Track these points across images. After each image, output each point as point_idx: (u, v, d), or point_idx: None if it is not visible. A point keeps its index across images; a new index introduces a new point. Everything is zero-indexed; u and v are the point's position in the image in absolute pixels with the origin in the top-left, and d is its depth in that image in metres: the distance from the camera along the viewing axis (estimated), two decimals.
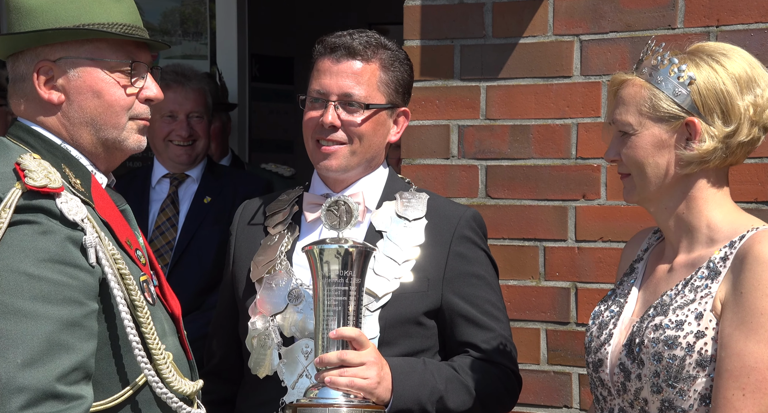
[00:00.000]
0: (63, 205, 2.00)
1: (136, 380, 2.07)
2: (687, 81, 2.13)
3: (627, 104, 2.18)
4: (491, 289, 2.51)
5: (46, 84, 2.12)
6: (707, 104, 2.12)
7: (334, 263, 2.25)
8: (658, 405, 2.10)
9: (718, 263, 2.11)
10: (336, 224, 2.32)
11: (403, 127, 2.58)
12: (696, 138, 2.13)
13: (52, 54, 2.11)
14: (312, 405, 2.22)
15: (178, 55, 5.59)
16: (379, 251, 2.43)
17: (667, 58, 2.15)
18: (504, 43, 3.23)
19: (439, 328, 2.49)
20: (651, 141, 2.15)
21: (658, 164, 2.15)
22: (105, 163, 2.19)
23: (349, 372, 2.25)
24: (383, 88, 2.50)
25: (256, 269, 2.50)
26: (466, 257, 2.49)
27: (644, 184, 2.18)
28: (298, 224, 2.55)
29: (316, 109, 2.51)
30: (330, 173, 2.50)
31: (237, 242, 2.61)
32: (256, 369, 2.45)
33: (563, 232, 3.17)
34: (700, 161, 2.14)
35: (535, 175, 3.20)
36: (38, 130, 2.13)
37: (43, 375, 1.90)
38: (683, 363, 2.07)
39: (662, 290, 2.17)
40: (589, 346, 2.24)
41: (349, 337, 2.26)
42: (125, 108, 2.14)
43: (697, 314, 2.08)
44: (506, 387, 2.49)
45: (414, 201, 2.53)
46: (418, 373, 2.36)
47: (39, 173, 2.01)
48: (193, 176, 4.00)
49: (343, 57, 2.48)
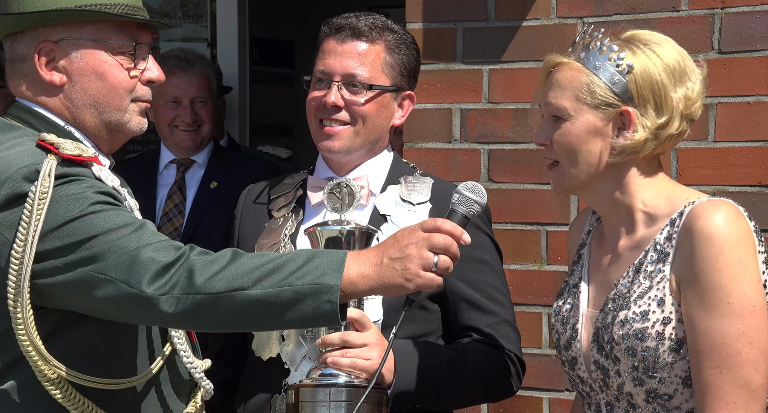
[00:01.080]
0: (100, 172, 2.03)
1: (157, 358, 2.09)
2: (625, 69, 2.11)
3: (563, 88, 2.14)
4: (495, 274, 2.51)
5: (47, 65, 2.11)
6: (642, 94, 2.11)
7: (337, 245, 2.25)
8: (643, 396, 2.09)
9: (664, 243, 2.10)
10: (338, 207, 2.32)
11: (408, 111, 2.56)
12: (630, 128, 2.11)
13: (54, 35, 2.10)
14: (314, 386, 2.22)
15: (178, 37, 5.57)
16: (383, 235, 2.42)
17: (606, 45, 2.12)
18: (507, 26, 3.21)
19: (443, 312, 2.49)
20: (585, 128, 2.13)
21: (591, 152, 2.13)
22: (108, 145, 2.19)
23: (351, 352, 2.25)
24: (388, 71, 2.49)
25: (260, 252, 2.49)
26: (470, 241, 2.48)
27: (575, 172, 2.15)
28: (302, 208, 2.54)
29: (319, 89, 2.50)
30: (332, 154, 2.50)
31: (241, 226, 2.61)
32: (259, 351, 2.46)
33: (565, 216, 3.16)
34: (631, 151, 2.12)
35: (537, 159, 3.19)
36: (40, 111, 2.13)
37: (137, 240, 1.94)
38: (657, 352, 2.06)
39: (612, 278, 2.17)
40: (559, 344, 2.24)
41: (352, 318, 2.26)
42: (128, 90, 2.14)
43: (658, 300, 2.08)
44: (509, 371, 2.49)
45: (418, 185, 2.52)
46: (420, 356, 2.36)
47: (70, 144, 2.02)
48: (200, 161, 4.00)
49: (348, 38, 2.47)
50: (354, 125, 2.47)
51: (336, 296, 1.89)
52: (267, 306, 1.90)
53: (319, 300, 1.89)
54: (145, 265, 1.90)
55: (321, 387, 2.21)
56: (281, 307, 1.90)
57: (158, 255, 1.91)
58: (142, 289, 1.89)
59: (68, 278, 1.94)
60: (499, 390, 2.50)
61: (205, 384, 2.16)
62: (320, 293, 1.89)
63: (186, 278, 1.89)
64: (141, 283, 1.89)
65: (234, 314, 1.90)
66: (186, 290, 1.89)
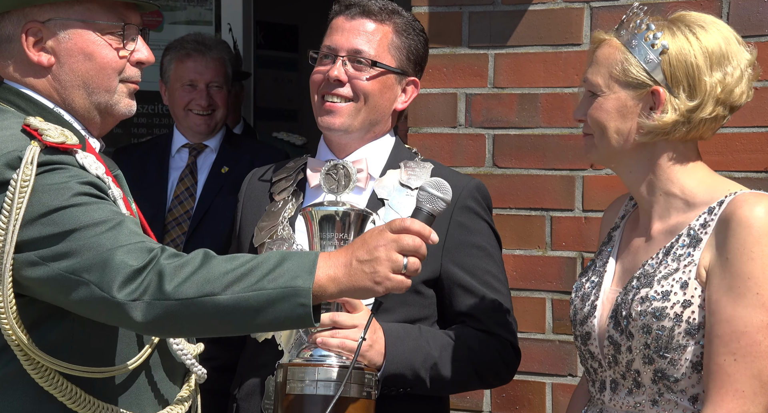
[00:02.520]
0: (84, 160, 2.00)
1: (148, 344, 2.07)
2: (660, 49, 2.10)
3: (599, 65, 2.15)
4: (492, 260, 2.50)
5: (35, 46, 2.07)
6: (675, 75, 2.09)
7: (331, 226, 2.25)
8: (650, 375, 2.10)
9: (698, 230, 2.09)
10: (334, 188, 2.32)
11: (411, 97, 2.55)
12: (659, 108, 2.10)
13: (41, 15, 2.06)
14: (303, 365, 2.22)
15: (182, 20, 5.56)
16: (379, 219, 2.42)
17: (645, 23, 2.12)
18: (513, 10, 3.20)
19: (438, 298, 2.48)
20: (615, 105, 2.13)
21: (620, 129, 2.13)
22: (97, 128, 2.16)
23: (341, 333, 2.25)
24: (394, 52, 2.49)
25: (259, 234, 2.50)
26: (467, 227, 2.47)
27: (604, 146, 2.16)
28: (303, 191, 2.54)
29: (324, 64, 2.49)
30: (332, 131, 2.48)
31: (243, 209, 2.61)
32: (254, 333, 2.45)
33: (570, 202, 3.15)
34: (659, 132, 2.11)
35: (542, 144, 3.18)
36: (28, 93, 2.09)
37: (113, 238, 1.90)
38: (672, 333, 2.06)
39: (641, 259, 2.16)
40: (575, 319, 2.24)
41: (342, 299, 2.26)
42: (117, 70, 2.11)
43: (682, 283, 2.07)
44: (503, 358, 2.47)
45: (418, 171, 2.51)
46: (412, 339, 2.36)
47: (54, 131, 1.99)
48: (212, 146, 4.02)
49: (357, 15, 2.47)
50: (356, 102, 2.46)
51: (309, 299, 1.86)
52: (239, 311, 1.87)
53: (291, 304, 1.87)
54: (117, 269, 1.87)
55: (309, 366, 2.21)
56: (253, 311, 1.87)
57: (130, 259, 1.88)
58: (113, 294, 1.86)
59: (44, 276, 1.91)
60: (492, 377, 2.49)
61: (196, 369, 2.14)
62: (293, 296, 1.87)
63: (156, 283, 1.86)
64: (112, 288, 1.87)
65: (206, 320, 1.88)
66: (156, 296, 1.86)
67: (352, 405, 2.20)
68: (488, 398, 3.25)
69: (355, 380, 2.19)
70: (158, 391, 2.10)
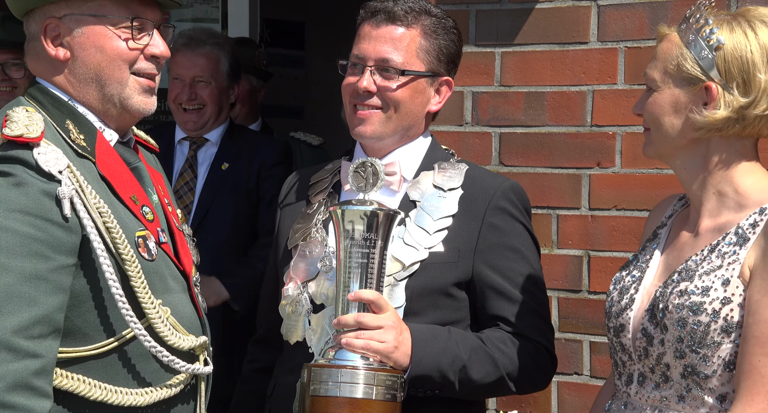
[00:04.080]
0: (40, 156, 2.01)
1: (123, 332, 2.08)
2: (714, 45, 2.09)
3: (657, 60, 2.16)
4: (527, 262, 2.45)
5: (54, 42, 2.15)
6: (730, 71, 2.09)
7: (358, 225, 2.23)
8: (680, 370, 2.09)
9: (747, 229, 2.09)
10: (362, 186, 2.30)
11: (445, 97, 2.52)
12: (711, 105, 2.10)
13: (58, 11, 2.15)
14: (327, 366, 2.21)
15: (189, 18, 5.56)
16: (410, 221, 2.40)
17: (703, 18, 2.11)
18: (520, 8, 3.19)
19: (471, 301, 2.44)
20: (669, 100, 2.14)
21: (673, 124, 2.14)
22: (114, 122, 2.20)
23: (366, 334, 2.23)
24: (423, 56, 2.45)
25: (293, 236, 2.50)
26: (500, 228, 2.43)
27: (659, 141, 2.17)
28: (339, 194, 2.53)
29: (354, 74, 2.47)
30: (364, 139, 2.47)
31: (282, 212, 2.60)
32: (287, 335, 2.45)
33: (577, 200, 3.15)
34: (711, 128, 2.11)
35: (549, 142, 3.18)
36: (47, 87, 2.17)
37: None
38: (708, 329, 2.06)
39: (686, 255, 2.16)
40: (610, 311, 2.23)
41: (367, 300, 2.25)
42: (126, 61, 2.15)
43: (723, 280, 2.07)
44: (536, 362, 2.42)
45: (452, 172, 2.48)
46: (440, 341, 2.33)
47: (18, 123, 2.02)
48: (212, 140, 3.99)
49: (383, 22, 2.44)
50: (386, 111, 2.44)
51: None
52: None
53: None
54: None
55: (332, 367, 2.20)
56: None
57: None
58: None
59: None
60: (525, 382, 2.43)
61: (179, 366, 2.13)
62: None
63: None
64: None
65: None
66: None
67: (377, 407, 2.18)
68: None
69: (379, 382, 2.18)
70: (139, 375, 2.11)
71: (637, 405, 2.16)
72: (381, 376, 2.19)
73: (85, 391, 2.04)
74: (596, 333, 3.11)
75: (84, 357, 2.05)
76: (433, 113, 2.54)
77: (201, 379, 2.23)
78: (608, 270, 3.10)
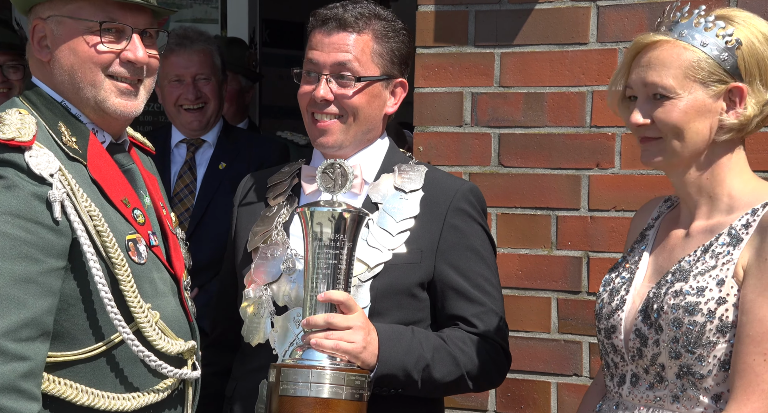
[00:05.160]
0: (31, 159, 2.01)
1: (112, 336, 2.08)
2: (735, 45, 2.09)
3: (666, 66, 2.12)
4: (485, 264, 2.49)
5: (39, 42, 2.16)
6: (750, 69, 2.10)
7: (327, 227, 2.24)
8: (675, 370, 2.09)
9: (740, 229, 2.09)
10: (331, 187, 2.31)
11: (400, 98, 2.54)
12: (741, 104, 2.10)
13: (44, 12, 2.16)
14: (296, 366, 2.21)
15: (189, 18, 5.56)
16: (373, 223, 2.42)
17: (711, 22, 2.11)
18: (519, 9, 3.19)
19: (431, 300, 2.47)
20: (693, 105, 2.11)
21: (699, 130, 2.12)
22: (102, 124, 2.20)
23: (335, 335, 2.24)
24: (377, 60, 2.46)
25: (253, 239, 2.50)
26: (460, 229, 2.47)
27: (680, 149, 2.13)
28: (298, 196, 2.54)
29: (309, 83, 2.48)
30: (326, 149, 2.48)
31: (239, 213, 2.61)
32: (249, 337, 2.45)
33: (576, 201, 3.15)
34: (739, 129, 2.11)
35: (548, 143, 3.18)
36: (42, 88, 2.17)
37: None
38: (703, 329, 2.06)
39: (678, 256, 2.16)
40: (600, 312, 2.24)
41: (337, 300, 2.26)
42: (98, 64, 2.15)
43: (718, 280, 2.07)
44: (494, 362, 2.47)
45: (412, 174, 2.51)
46: (405, 340, 2.36)
47: (10, 126, 2.02)
48: (209, 141, 3.98)
49: (335, 29, 2.44)
50: (345, 118, 2.45)
51: None
52: None
53: None
54: None
55: (303, 368, 2.21)
56: None
57: None
58: None
59: None
60: (483, 380, 2.48)
61: (166, 371, 2.13)
62: None
63: None
64: None
65: None
66: None
67: (346, 407, 2.19)
68: (493, 397, 3.24)
69: (348, 382, 2.19)
70: (125, 380, 2.11)
71: (630, 405, 2.16)
72: (350, 376, 2.21)
73: (72, 396, 2.04)
74: (595, 334, 3.11)
75: (72, 361, 2.05)
76: (389, 115, 2.55)
77: (189, 384, 2.22)
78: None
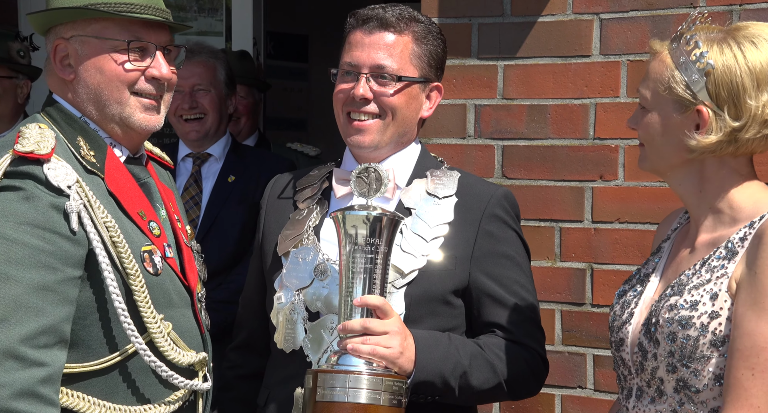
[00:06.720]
0: (49, 171, 2.04)
1: (126, 347, 2.10)
2: (705, 69, 2.06)
3: (649, 79, 2.15)
4: (520, 270, 2.47)
5: (62, 62, 2.20)
6: (720, 95, 2.07)
7: (362, 230, 2.22)
8: (673, 384, 2.09)
9: (736, 243, 2.08)
10: (365, 192, 2.30)
11: (435, 102, 2.54)
12: (703, 129, 2.08)
13: (66, 32, 2.20)
14: (333, 372, 2.20)
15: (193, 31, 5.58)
16: (407, 229, 2.41)
17: (694, 40, 2.09)
18: (522, 22, 3.20)
19: (466, 307, 2.46)
20: (660, 121, 2.12)
21: (666, 143, 2.13)
22: (123, 140, 2.24)
23: (372, 340, 2.22)
24: (416, 62, 2.46)
25: (283, 243, 2.49)
26: (495, 236, 2.45)
27: (654, 159, 2.16)
28: (328, 200, 2.53)
29: (347, 82, 2.47)
30: (362, 149, 2.47)
31: (266, 216, 2.59)
32: (281, 343, 2.44)
33: (580, 213, 3.15)
34: (705, 151, 2.09)
35: (552, 155, 3.18)
36: (61, 103, 2.22)
37: (6, 335, 1.93)
38: (697, 343, 2.06)
39: (682, 269, 2.16)
40: (612, 325, 2.24)
41: (374, 305, 2.24)
42: (125, 82, 2.19)
43: (712, 294, 2.07)
44: (532, 369, 2.45)
45: (445, 179, 2.50)
46: (442, 347, 2.34)
47: (30, 140, 2.06)
48: (215, 155, 4.00)
49: (376, 29, 2.45)
50: (383, 118, 2.45)
51: None
52: None
53: None
54: None
55: (339, 373, 2.19)
56: None
57: None
58: None
59: None
60: (520, 388, 2.46)
61: (177, 382, 2.15)
62: None
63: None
64: None
65: None
66: None
67: None
68: (497, 409, 3.24)
69: (386, 388, 2.18)
70: (138, 392, 2.12)
71: None
72: (388, 382, 2.19)
73: (85, 409, 2.06)
74: (600, 346, 3.11)
75: (86, 373, 2.07)
76: (423, 120, 2.55)
77: (200, 395, 2.23)
78: (611, 283, 3.10)
